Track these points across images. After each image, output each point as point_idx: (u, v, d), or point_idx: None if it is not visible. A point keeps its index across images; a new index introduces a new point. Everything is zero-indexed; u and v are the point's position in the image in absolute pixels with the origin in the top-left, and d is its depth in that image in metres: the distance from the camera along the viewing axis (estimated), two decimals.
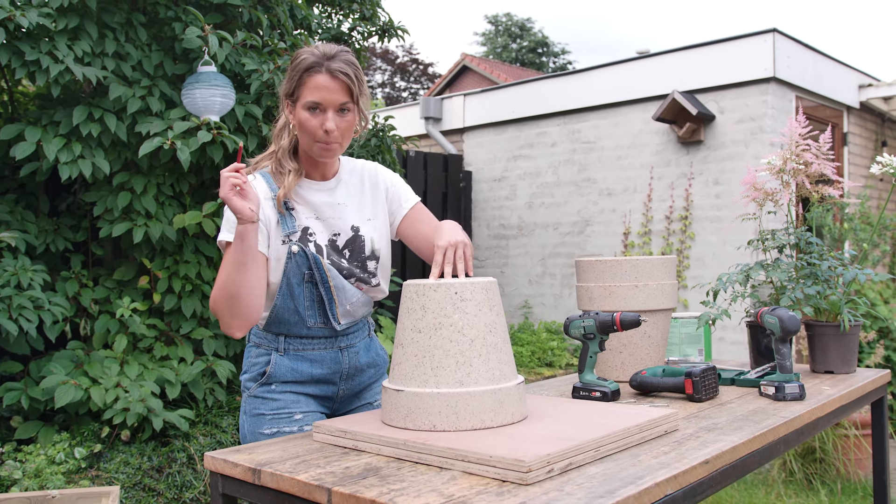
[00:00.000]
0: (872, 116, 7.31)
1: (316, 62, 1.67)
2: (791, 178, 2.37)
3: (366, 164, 1.94)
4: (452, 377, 1.43)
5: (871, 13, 70.94)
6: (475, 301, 1.46)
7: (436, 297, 1.46)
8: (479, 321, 1.46)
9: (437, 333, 1.45)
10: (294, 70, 1.70)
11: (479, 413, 1.41)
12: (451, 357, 1.43)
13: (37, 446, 3.04)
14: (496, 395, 1.43)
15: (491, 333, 1.47)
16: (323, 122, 1.68)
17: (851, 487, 4.13)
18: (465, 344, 1.44)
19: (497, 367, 1.46)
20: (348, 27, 5.21)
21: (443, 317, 1.45)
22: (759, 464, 1.53)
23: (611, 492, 1.13)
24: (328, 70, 1.67)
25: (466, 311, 1.45)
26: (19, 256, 3.29)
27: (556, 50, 30.86)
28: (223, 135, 3.48)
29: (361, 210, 1.85)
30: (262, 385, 1.78)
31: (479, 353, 1.44)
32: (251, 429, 1.78)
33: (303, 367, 1.78)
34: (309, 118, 1.69)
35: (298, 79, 1.68)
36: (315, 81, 1.67)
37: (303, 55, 1.70)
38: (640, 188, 6.47)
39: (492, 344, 1.46)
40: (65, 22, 3.36)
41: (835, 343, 2.29)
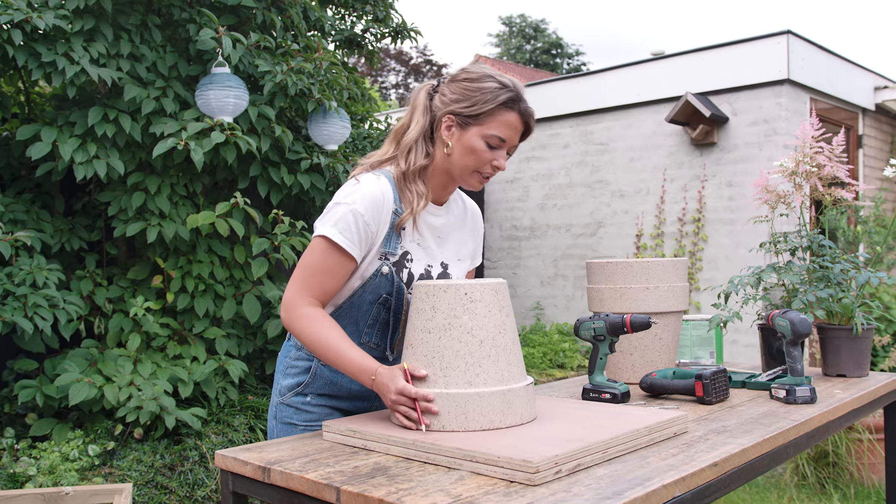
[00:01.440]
0: (888, 118, 7.25)
1: (513, 99, 1.61)
2: (804, 181, 2.36)
3: (471, 203, 1.88)
4: (461, 378, 1.43)
5: (886, 14, 70.35)
6: (485, 302, 1.47)
7: (446, 298, 1.46)
8: (488, 322, 1.46)
9: (447, 334, 1.45)
10: (483, 93, 1.59)
11: (487, 414, 1.42)
12: (460, 358, 1.44)
13: (51, 443, 3.07)
14: (505, 396, 1.43)
15: (500, 334, 1.47)
16: (496, 159, 1.63)
17: (865, 492, 4.10)
18: (475, 345, 1.44)
19: (506, 369, 1.46)
20: (361, 28, 5.23)
21: (452, 317, 1.45)
22: (768, 467, 1.53)
23: (618, 493, 1.13)
24: (521, 111, 1.62)
25: (476, 312, 1.45)
26: (35, 255, 3.33)
27: (570, 51, 30.81)
28: (236, 135, 3.50)
29: (455, 247, 1.79)
30: (297, 395, 1.73)
31: (488, 353, 1.44)
32: (281, 436, 1.73)
33: (342, 381, 1.72)
34: (484, 149, 1.61)
35: (493, 108, 1.59)
36: (508, 119, 1.61)
37: (493, 82, 1.60)
38: (653, 190, 6.45)
39: (501, 345, 1.47)
40: (81, 24, 3.39)
41: (847, 346, 2.28)
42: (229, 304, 3.74)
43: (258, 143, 3.75)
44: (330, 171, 4.04)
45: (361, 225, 1.58)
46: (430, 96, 1.68)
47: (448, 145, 1.63)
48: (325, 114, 4.03)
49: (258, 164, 3.87)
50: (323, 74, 4.03)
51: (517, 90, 1.62)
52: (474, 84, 1.61)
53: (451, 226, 1.77)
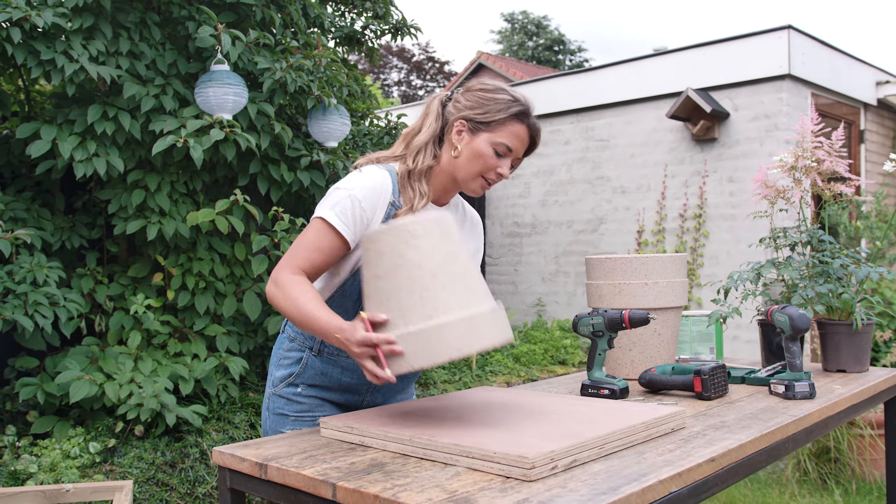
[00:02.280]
0: (890, 113, 7.23)
1: (525, 112, 1.69)
2: (803, 176, 2.35)
3: (472, 211, 1.93)
4: (420, 313, 1.37)
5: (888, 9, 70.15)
6: (429, 236, 1.42)
7: (388, 241, 1.41)
8: (436, 254, 1.40)
9: (396, 274, 1.40)
10: (496, 103, 1.67)
11: (454, 342, 1.35)
12: (415, 294, 1.38)
13: (52, 441, 3.08)
14: (470, 322, 1.36)
15: (452, 263, 1.41)
16: (500, 166, 1.69)
17: (866, 488, 4.09)
18: (427, 278, 1.38)
19: (465, 294, 1.40)
20: (361, 25, 5.23)
21: (398, 257, 1.40)
22: (766, 462, 1.53)
23: (614, 489, 1.13)
24: (530, 126, 1.71)
25: (421, 247, 1.40)
26: (35, 253, 3.33)
27: (572, 48, 30.76)
28: (236, 133, 3.50)
29: None
30: (289, 386, 1.76)
31: (442, 284, 1.38)
32: (273, 427, 1.77)
33: (333, 373, 1.75)
34: (491, 155, 1.67)
35: (504, 118, 1.67)
36: (517, 129, 1.68)
37: (507, 95, 1.68)
38: (654, 186, 6.45)
39: (456, 273, 1.41)
40: (80, 21, 3.39)
41: (847, 342, 2.27)
42: (230, 301, 3.75)
43: (258, 141, 3.75)
44: (330, 168, 4.03)
45: (357, 210, 1.61)
46: (443, 104, 1.75)
47: (457, 148, 1.69)
48: (325, 111, 4.03)
49: (258, 161, 3.87)
50: (322, 71, 4.03)
51: (528, 105, 1.70)
52: (489, 94, 1.69)
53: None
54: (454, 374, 5.20)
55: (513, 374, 5.44)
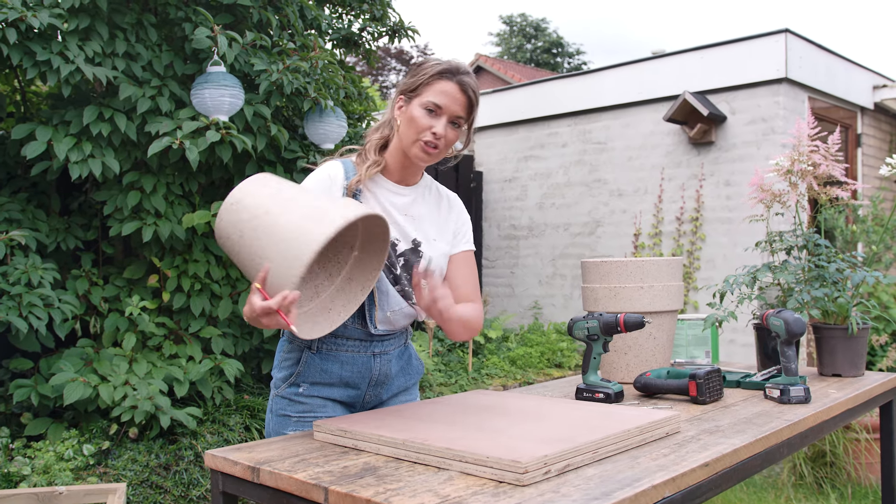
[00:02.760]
0: (887, 117, 7.24)
1: (449, 70, 1.72)
2: (799, 180, 2.35)
3: (448, 192, 1.94)
4: (274, 249, 1.42)
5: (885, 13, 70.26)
6: (246, 194, 1.50)
7: (225, 222, 1.50)
8: (261, 203, 1.47)
9: (244, 238, 1.47)
10: (422, 69, 1.74)
11: (306, 238, 1.38)
12: (262, 240, 1.44)
13: (46, 443, 3.07)
14: (311, 217, 1.41)
15: (283, 202, 1.47)
16: (434, 125, 1.71)
17: (862, 492, 4.09)
18: (271, 225, 1.44)
19: (302, 211, 1.44)
20: (358, 27, 5.22)
21: (234, 228, 1.48)
22: (761, 467, 1.52)
23: (607, 494, 1.12)
24: (458, 82, 1.72)
25: (246, 206, 1.48)
26: (30, 255, 3.32)
27: (570, 50, 30.79)
28: (232, 135, 3.49)
29: (429, 228, 1.82)
30: (291, 386, 1.77)
31: (275, 219, 1.43)
32: (276, 428, 1.78)
33: (333, 368, 1.76)
34: (422, 116, 1.71)
35: (427, 78, 1.72)
36: (442, 86, 1.71)
37: (433, 61, 1.75)
38: (651, 189, 6.45)
39: (291, 201, 1.46)
40: (76, 22, 3.38)
41: (843, 346, 2.27)
42: (225, 303, 3.74)
43: (254, 142, 3.74)
44: None
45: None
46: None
47: (398, 122, 1.76)
48: (322, 113, 4.02)
49: (254, 163, 3.86)
50: (319, 73, 4.02)
51: (456, 66, 1.74)
52: (419, 66, 1.76)
53: (420, 206, 1.83)
54: (450, 376, 5.19)
55: (509, 377, 5.43)
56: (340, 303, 1.64)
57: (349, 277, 1.66)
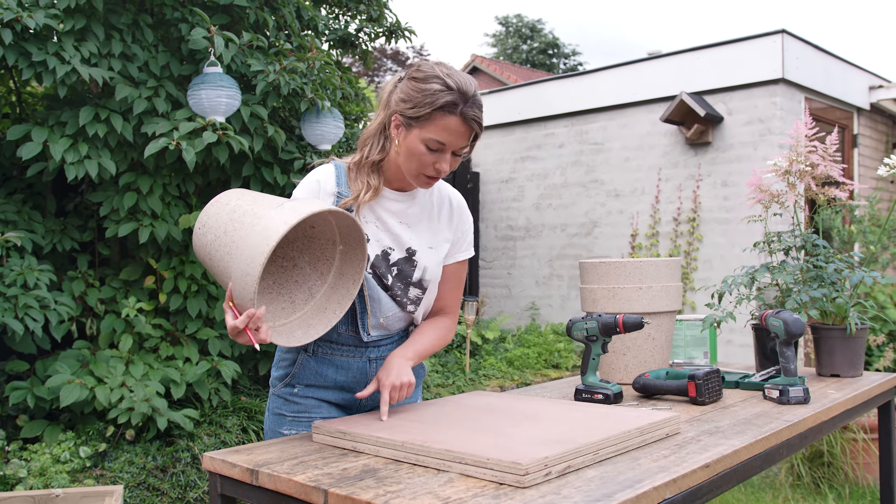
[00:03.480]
0: (883, 118, 7.26)
1: (454, 102, 1.56)
2: (797, 180, 2.35)
3: (452, 193, 1.85)
4: (244, 258, 1.42)
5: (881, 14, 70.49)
6: (208, 215, 1.52)
7: (198, 246, 1.54)
8: (219, 222, 1.49)
9: (212, 251, 1.50)
10: (426, 97, 1.57)
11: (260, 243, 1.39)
12: (225, 258, 1.46)
13: (42, 445, 3.05)
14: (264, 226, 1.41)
15: (237, 220, 1.47)
16: (437, 161, 1.61)
17: (859, 492, 4.09)
18: (224, 239, 1.47)
19: (258, 222, 1.44)
20: (355, 28, 5.22)
21: (203, 250, 1.53)
22: (761, 468, 1.52)
23: (608, 496, 1.12)
24: (463, 115, 1.57)
25: (209, 227, 1.51)
26: (26, 256, 3.31)
27: (566, 51, 30.80)
28: (229, 135, 3.48)
29: (428, 235, 1.76)
30: (286, 386, 1.76)
31: (233, 238, 1.45)
32: (272, 427, 1.79)
33: (328, 372, 1.74)
34: (425, 153, 1.60)
35: (431, 111, 1.57)
36: (447, 123, 1.57)
37: (437, 84, 1.57)
38: (648, 190, 6.45)
39: (242, 222, 1.47)
40: (72, 23, 3.37)
41: (841, 346, 2.27)
42: (222, 304, 3.72)
43: (251, 143, 3.73)
44: None
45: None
46: (391, 93, 1.69)
47: (396, 142, 1.65)
48: (319, 113, 4.02)
49: (251, 164, 3.85)
50: (316, 74, 4.01)
51: (458, 94, 1.57)
52: (419, 85, 1.59)
53: (418, 213, 1.76)
54: (447, 377, 5.18)
55: (506, 377, 5.43)
56: (335, 300, 1.63)
57: (340, 273, 1.64)
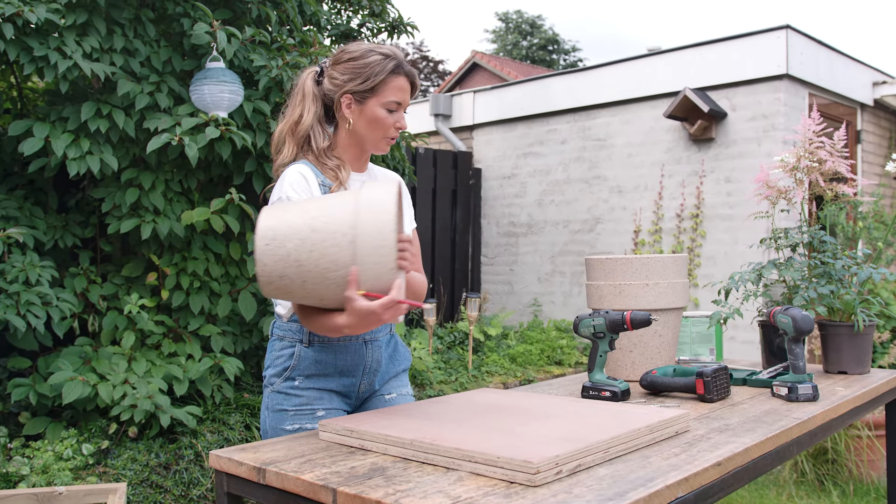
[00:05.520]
0: (887, 114, 7.24)
1: (397, 64, 1.75)
2: (805, 176, 2.34)
3: (385, 172, 1.97)
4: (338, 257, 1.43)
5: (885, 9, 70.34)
6: (268, 216, 1.49)
7: (269, 262, 1.46)
8: (297, 222, 1.46)
9: (294, 258, 1.45)
10: (374, 68, 1.74)
11: (375, 222, 1.41)
12: (316, 247, 1.44)
13: (44, 442, 3.04)
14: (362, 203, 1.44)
15: (313, 209, 1.47)
16: (397, 120, 1.79)
17: (864, 489, 4.08)
18: (311, 239, 1.44)
19: (342, 207, 1.46)
20: (357, 23, 5.20)
21: (289, 262, 1.46)
22: (771, 466, 1.51)
23: (620, 494, 1.10)
24: (406, 73, 1.77)
25: (284, 233, 1.46)
26: (27, 252, 3.29)
27: (566, 47, 30.76)
28: (231, 131, 3.47)
29: None
30: (287, 380, 1.78)
31: (322, 236, 1.43)
32: (273, 424, 1.78)
33: (327, 359, 1.77)
34: (386, 116, 1.76)
35: (384, 77, 1.74)
36: (398, 83, 1.76)
37: (376, 55, 1.74)
38: (651, 186, 6.43)
39: (318, 210, 1.47)
40: (73, 18, 3.35)
41: (848, 343, 2.25)
42: (224, 301, 3.71)
43: (253, 139, 3.72)
44: None
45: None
46: (317, 82, 1.82)
47: (349, 122, 1.78)
48: None
49: (253, 159, 3.84)
50: None
51: (399, 56, 1.78)
52: (361, 61, 1.75)
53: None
54: (450, 374, 5.17)
55: (509, 374, 5.42)
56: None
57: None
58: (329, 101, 1.80)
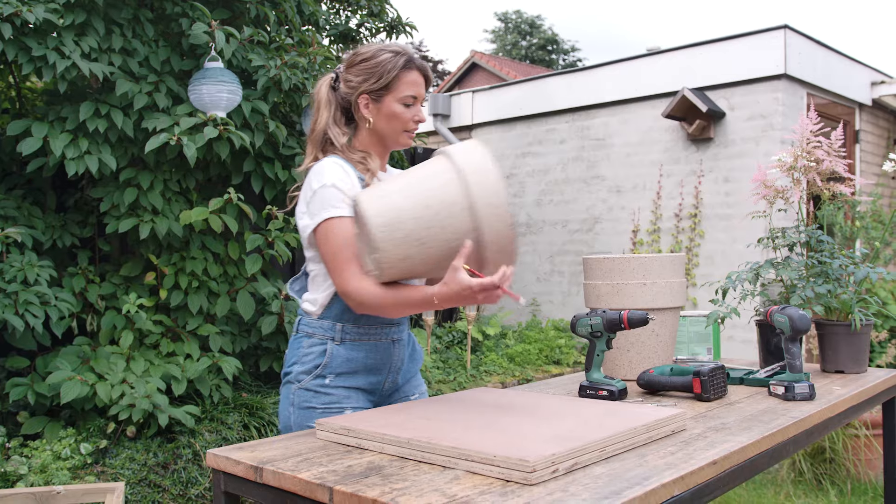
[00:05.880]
0: (885, 114, 7.24)
1: (408, 59, 1.81)
2: (802, 176, 2.34)
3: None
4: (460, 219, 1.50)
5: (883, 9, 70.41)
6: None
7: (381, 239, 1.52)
8: (407, 204, 1.51)
9: (424, 242, 1.52)
10: (386, 66, 1.79)
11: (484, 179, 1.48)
12: (435, 233, 1.51)
13: (42, 442, 3.04)
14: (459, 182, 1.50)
15: (416, 194, 1.53)
16: (415, 114, 1.84)
17: (861, 488, 4.09)
18: (433, 220, 1.51)
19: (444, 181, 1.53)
20: (356, 23, 5.20)
21: (415, 239, 1.52)
22: (768, 464, 1.51)
23: (617, 493, 1.10)
24: (419, 67, 1.83)
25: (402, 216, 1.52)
26: (26, 252, 3.29)
27: (565, 47, 30.77)
28: (230, 131, 3.47)
29: None
30: (316, 378, 1.80)
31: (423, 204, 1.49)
32: (299, 421, 1.80)
33: (358, 356, 1.81)
34: (404, 111, 1.81)
35: (396, 75, 1.79)
36: (411, 78, 1.81)
37: (387, 53, 1.80)
38: (650, 185, 6.44)
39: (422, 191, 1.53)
40: (72, 17, 3.36)
41: (846, 342, 2.26)
42: (223, 300, 3.72)
43: (252, 139, 3.72)
44: None
45: (341, 195, 1.73)
46: (332, 88, 1.87)
47: (370, 121, 1.83)
48: None
49: (252, 159, 3.84)
50: (317, 69, 4.00)
51: (408, 52, 1.83)
52: (373, 61, 1.80)
53: None
54: (448, 373, 5.17)
55: (507, 373, 5.42)
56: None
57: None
58: (347, 105, 1.86)
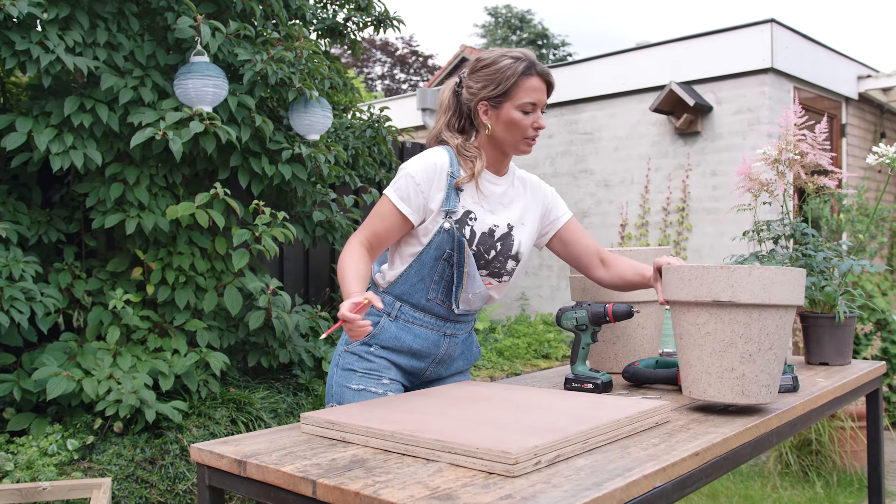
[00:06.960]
0: (871, 108, 7.28)
1: (528, 65, 1.81)
2: (787, 169, 2.35)
3: (530, 176, 2.07)
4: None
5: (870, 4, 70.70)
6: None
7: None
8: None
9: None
10: (502, 72, 1.81)
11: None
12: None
13: (29, 438, 3.03)
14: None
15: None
16: (535, 121, 1.84)
17: (847, 479, 4.12)
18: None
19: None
20: (343, 17, 5.18)
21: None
22: (750, 456, 1.52)
23: (598, 484, 1.11)
24: (539, 73, 1.83)
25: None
26: (11, 248, 3.27)
27: (555, 42, 30.75)
28: (216, 125, 3.45)
29: (520, 212, 1.96)
30: (363, 344, 1.88)
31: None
32: (339, 381, 1.89)
33: (405, 337, 1.87)
34: (522, 118, 1.82)
35: (515, 81, 1.80)
36: (531, 84, 1.81)
37: (508, 59, 1.81)
38: (638, 179, 6.45)
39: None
40: (56, 11, 3.33)
41: (830, 335, 2.28)
42: (210, 296, 3.70)
43: (238, 133, 3.70)
44: (311, 161, 3.99)
45: (413, 186, 1.81)
46: (455, 93, 1.93)
47: (489, 127, 1.86)
48: (307, 103, 3.99)
49: (238, 154, 3.82)
50: (304, 63, 3.98)
51: (530, 57, 1.83)
52: (492, 67, 1.83)
53: (513, 194, 1.96)
54: None
55: (496, 368, 5.43)
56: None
57: None
58: (468, 111, 1.90)
